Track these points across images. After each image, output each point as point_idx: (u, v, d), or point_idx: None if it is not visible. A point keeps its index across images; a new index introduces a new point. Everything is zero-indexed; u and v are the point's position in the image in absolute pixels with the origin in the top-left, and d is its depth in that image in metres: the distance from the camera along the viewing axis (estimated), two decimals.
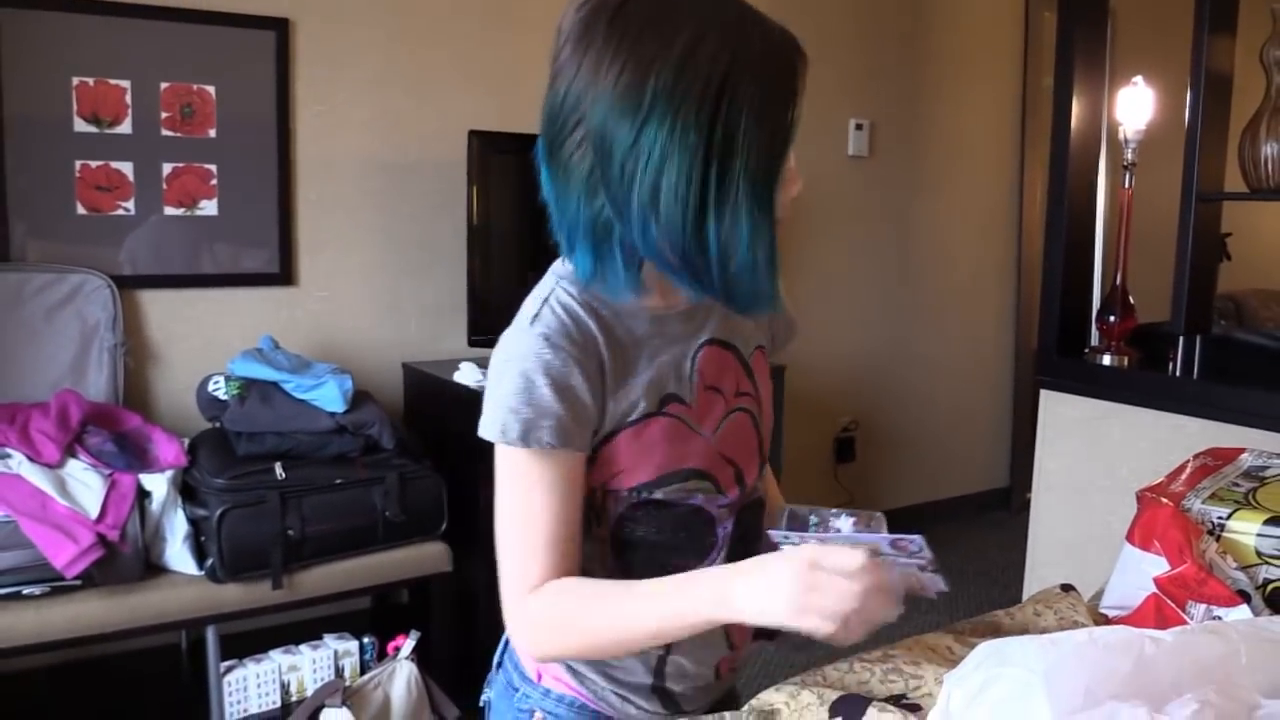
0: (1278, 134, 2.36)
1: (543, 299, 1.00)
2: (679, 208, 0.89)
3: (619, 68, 0.88)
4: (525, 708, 1.13)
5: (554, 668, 1.12)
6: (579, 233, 0.95)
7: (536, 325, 0.97)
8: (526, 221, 2.85)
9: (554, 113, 0.94)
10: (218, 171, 2.68)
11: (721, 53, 0.88)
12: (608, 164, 0.90)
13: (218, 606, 2.26)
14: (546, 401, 0.94)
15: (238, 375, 2.44)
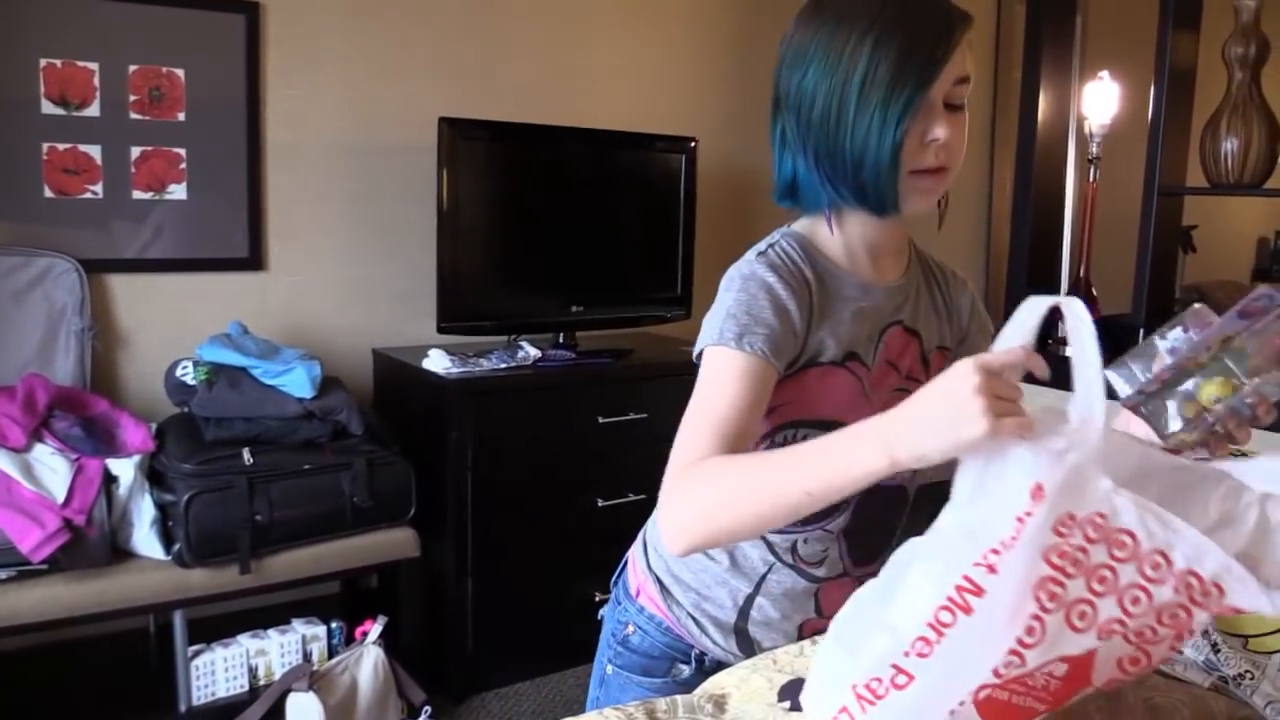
0: (1238, 129, 2.40)
1: (769, 243, 1.13)
2: (823, 119, 1.04)
3: (797, 38, 1.08)
4: (622, 620, 1.27)
5: (650, 587, 1.23)
6: (782, 161, 1.12)
7: (761, 256, 1.10)
8: (497, 208, 2.86)
9: (777, 83, 1.11)
10: (187, 155, 2.67)
11: (873, 12, 1.03)
12: (784, 110, 1.09)
13: (185, 591, 2.27)
14: (765, 314, 1.04)
15: (206, 360, 2.44)
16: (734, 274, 1.09)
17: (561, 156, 2.95)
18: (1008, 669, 0.79)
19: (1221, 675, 1.11)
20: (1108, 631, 0.79)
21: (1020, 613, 0.78)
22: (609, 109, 3.31)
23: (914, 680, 0.81)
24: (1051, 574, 0.77)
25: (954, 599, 0.78)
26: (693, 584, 1.21)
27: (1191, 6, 2.48)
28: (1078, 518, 0.77)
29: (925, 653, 0.80)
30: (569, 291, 2.95)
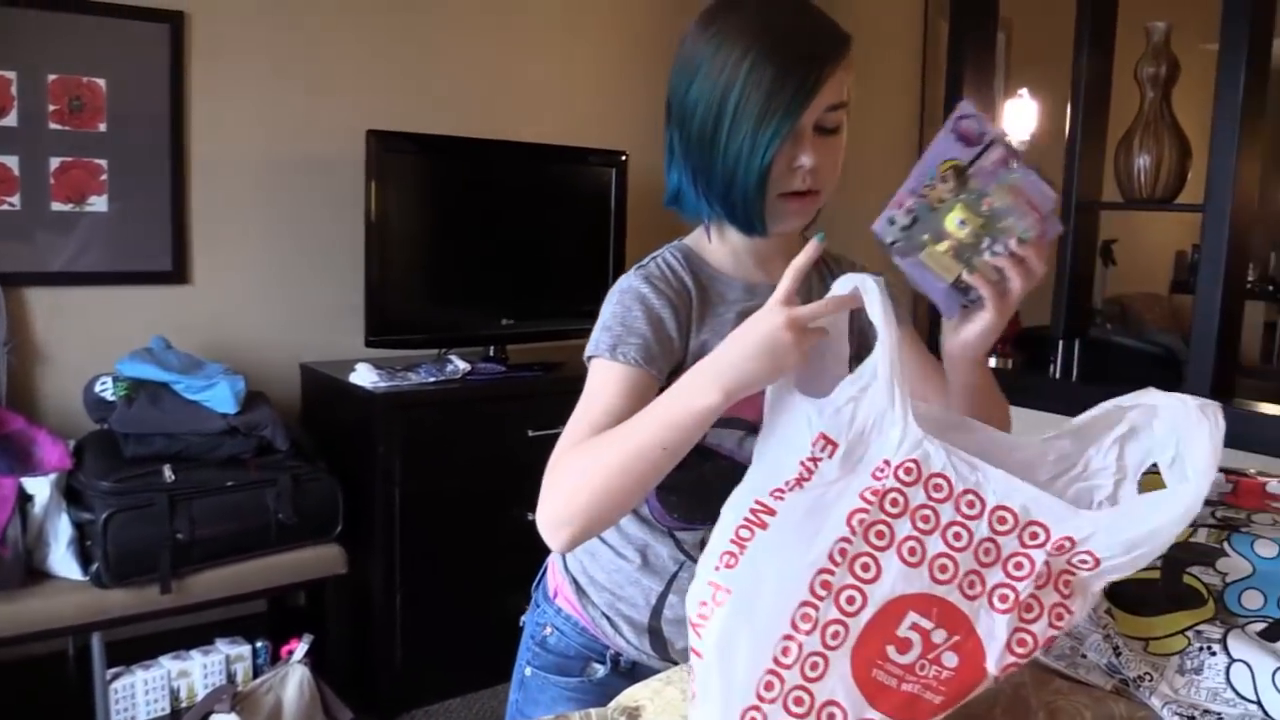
0: (1151, 147, 2.47)
1: (651, 257, 1.18)
2: (699, 136, 1.08)
3: (687, 46, 1.10)
4: (541, 622, 1.30)
5: (566, 589, 1.26)
6: (669, 170, 1.15)
7: (640, 270, 1.15)
8: (426, 221, 2.85)
9: (671, 91, 1.13)
10: (108, 167, 2.62)
11: (751, 35, 1.06)
12: (672, 120, 1.12)
13: (104, 612, 2.22)
14: (638, 325, 1.10)
15: (126, 376, 2.39)
16: (614, 288, 1.14)
17: (491, 170, 2.95)
18: (825, 590, 0.86)
19: (1123, 678, 1.14)
20: (943, 569, 0.88)
21: (821, 535, 0.87)
22: (539, 122, 3.31)
23: (731, 594, 0.88)
24: (863, 507, 0.88)
25: (749, 518, 0.89)
26: (606, 584, 1.23)
27: (1105, 28, 2.55)
28: (892, 463, 0.89)
29: (731, 564, 0.88)
30: (499, 305, 2.94)
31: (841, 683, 0.86)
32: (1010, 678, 1.13)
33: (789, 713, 0.86)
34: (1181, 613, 1.17)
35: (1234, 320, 2.31)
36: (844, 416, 0.93)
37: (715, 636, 0.88)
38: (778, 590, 0.87)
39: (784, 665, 0.86)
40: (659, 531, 1.21)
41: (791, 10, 1.10)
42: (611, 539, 1.23)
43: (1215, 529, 1.19)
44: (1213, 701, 1.09)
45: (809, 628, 0.86)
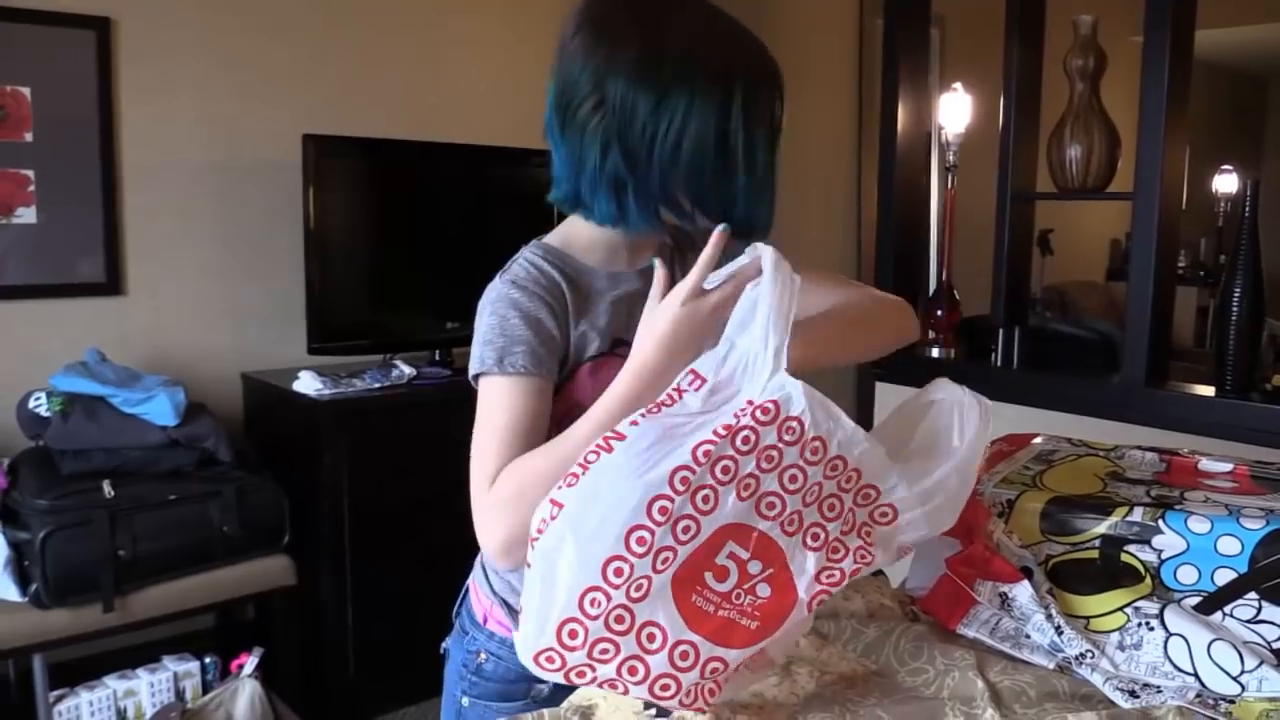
0: (1081, 137, 2.52)
1: (513, 261, 1.16)
2: (701, 159, 1.05)
3: (634, 48, 1.04)
4: (472, 649, 1.26)
5: (497, 612, 1.23)
6: (600, 186, 1.08)
7: (506, 275, 1.13)
8: (367, 226, 2.82)
9: (569, 86, 1.07)
10: (35, 177, 2.55)
11: (724, 42, 1.08)
12: (628, 128, 1.05)
13: (44, 634, 2.17)
14: (518, 331, 1.08)
15: (61, 390, 2.34)
16: (484, 300, 1.12)
17: (433, 172, 2.93)
18: (663, 516, 0.88)
19: (1065, 656, 1.17)
20: (770, 505, 0.92)
21: (665, 462, 0.89)
22: (480, 124, 3.29)
23: (563, 509, 0.89)
24: (713, 440, 0.90)
25: (599, 443, 0.91)
26: None
27: (1034, 22, 2.60)
28: (755, 402, 0.92)
29: (572, 483, 0.90)
30: (443, 308, 2.92)
31: (663, 606, 0.89)
32: (955, 660, 1.15)
33: (609, 629, 0.88)
34: (1120, 590, 1.19)
35: (1166, 305, 2.37)
36: (717, 356, 0.96)
37: (543, 549, 0.89)
38: (611, 510, 0.88)
39: (612, 585, 0.87)
40: None
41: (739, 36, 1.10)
42: None
43: (1150, 507, 1.22)
44: (1152, 675, 1.12)
45: (642, 551, 0.88)
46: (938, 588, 1.27)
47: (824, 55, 4.50)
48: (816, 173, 4.50)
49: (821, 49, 4.49)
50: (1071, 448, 1.50)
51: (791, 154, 1.24)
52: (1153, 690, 1.09)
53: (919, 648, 1.18)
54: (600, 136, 1.06)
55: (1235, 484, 1.33)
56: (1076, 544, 1.24)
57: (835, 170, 4.60)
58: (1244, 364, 2.16)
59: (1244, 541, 1.14)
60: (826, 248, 4.61)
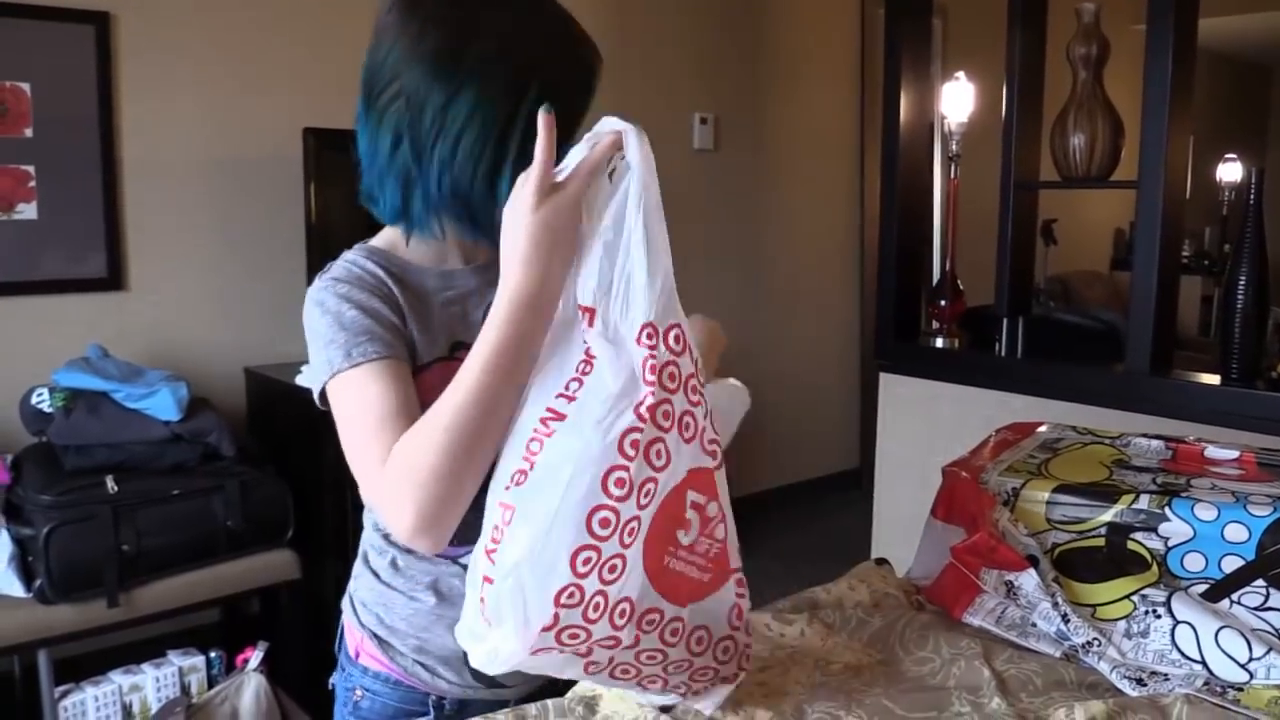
0: (1084, 126, 2.51)
1: (331, 264, 1.08)
2: (471, 164, 1.00)
3: (439, 37, 0.99)
4: (349, 686, 1.17)
5: (368, 645, 1.14)
6: (388, 177, 1.04)
7: (325, 276, 1.05)
8: (368, 219, 2.81)
9: (375, 68, 1.03)
10: (36, 173, 2.55)
11: (534, 42, 1.02)
12: (418, 120, 1.00)
13: (49, 629, 2.16)
14: (359, 322, 0.99)
15: (63, 386, 2.33)
16: (308, 306, 1.03)
17: None
18: (620, 488, 0.83)
19: (1072, 644, 1.16)
20: (710, 441, 0.89)
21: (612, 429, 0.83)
22: None
23: (514, 509, 0.85)
24: (649, 388, 0.84)
25: (538, 429, 0.87)
26: (409, 630, 1.13)
27: (1037, 10, 2.58)
28: (659, 329, 0.86)
29: (521, 481, 0.86)
30: None
31: (636, 578, 0.84)
32: (961, 649, 1.15)
33: (586, 620, 0.83)
34: (1126, 578, 1.19)
35: (1170, 294, 2.36)
36: (593, 276, 0.89)
37: (510, 560, 0.84)
38: (569, 501, 0.82)
39: (582, 575, 0.82)
40: (442, 562, 1.11)
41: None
42: (399, 584, 1.12)
43: (1157, 495, 1.21)
44: (1159, 663, 1.12)
45: (607, 533, 0.83)
46: (943, 577, 1.27)
47: (825, 45, 4.49)
48: (818, 164, 4.49)
49: (822, 39, 4.48)
50: (1077, 435, 1.49)
51: (792, 145, 1.23)
52: (1160, 678, 1.09)
53: (924, 637, 1.18)
54: (393, 126, 1.01)
55: (1242, 471, 1.33)
56: (1083, 532, 1.24)
57: (837, 161, 4.59)
58: (1249, 352, 2.15)
59: (1251, 528, 1.14)
60: (828, 238, 4.60)
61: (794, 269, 4.41)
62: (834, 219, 4.61)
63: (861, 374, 4.73)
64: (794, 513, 4.35)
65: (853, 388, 4.75)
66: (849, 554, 3.62)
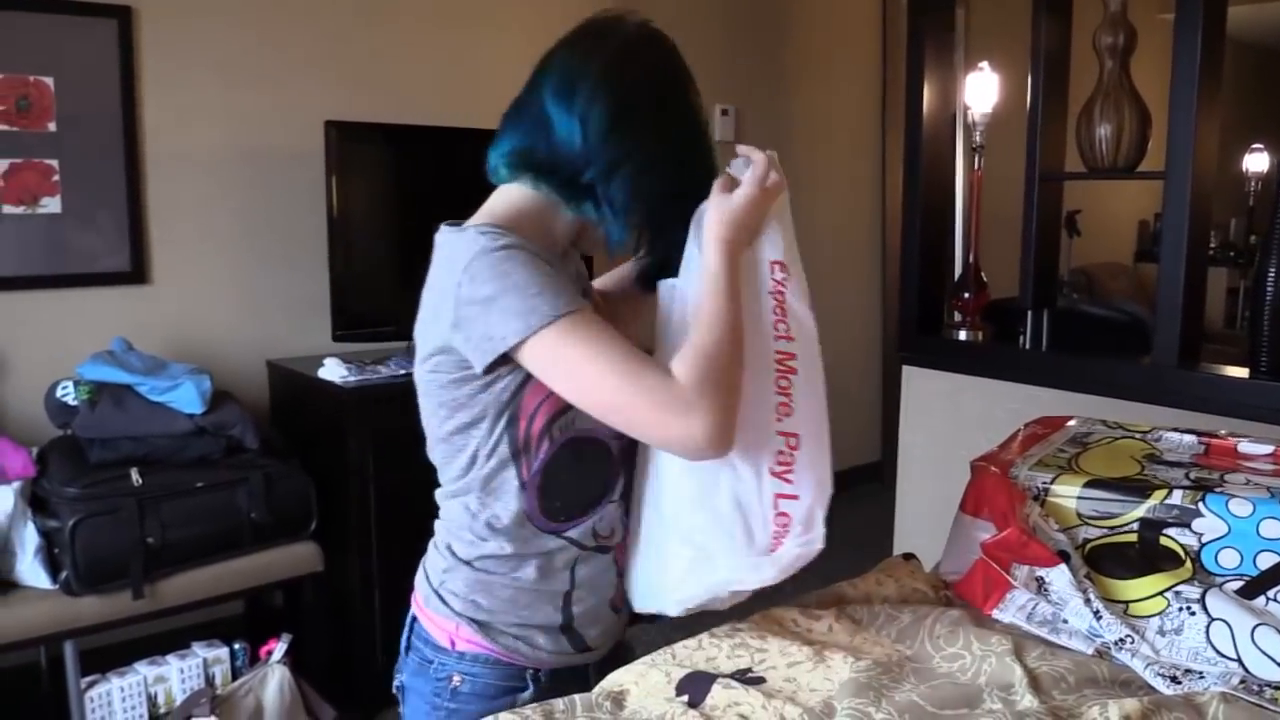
0: (1111, 116, 2.48)
1: (474, 231, 1.11)
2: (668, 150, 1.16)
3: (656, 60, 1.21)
4: (441, 676, 1.20)
5: (465, 631, 1.19)
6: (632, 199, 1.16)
7: (488, 241, 1.07)
8: (390, 212, 2.82)
9: (638, 89, 1.18)
10: (60, 167, 2.56)
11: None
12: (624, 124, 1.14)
13: (75, 620, 2.18)
14: (555, 278, 1.06)
15: (88, 379, 2.35)
16: (489, 263, 1.06)
17: (454, 157, 2.91)
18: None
19: (1104, 641, 1.15)
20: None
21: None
22: (502, 108, 3.26)
23: (799, 436, 1.11)
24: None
25: (780, 367, 1.13)
26: (509, 608, 1.19)
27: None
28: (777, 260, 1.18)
29: (788, 412, 1.12)
30: None
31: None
32: (991, 646, 1.14)
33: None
34: (1160, 574, 1.17)
35: (1198, 286, 2.33)
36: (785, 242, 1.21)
37: (809, 477, 1.11)
38: (823, 419, 1.14)
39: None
40: (547, 537, 1.18)
41: None
42: (499, 568, 1.18)
43: (1190, 490, 1.20)
44: (1194, 661, 1.10)
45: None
46: (972, 572, 1.25)
47: (847, 35, 4.46)
48: (839, 155, 4.46)
49: (844, 29, 4.45)
50: (1107, 430, 1.48)
51: (814, 137, 1.28)
52: (1195, 676, 1.07)
53: (954, 633, 1.16)
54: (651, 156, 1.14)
55: (1276, 466, 1.31)
56: (1114, 527, 1.22)
57: (858, 152, 4.56)
58: (1278, 344, 2.13)
59: None
60: (850, 231, 4.58)
61: (814, 261, 4.34)
62: (855, 210, 4.59)
63: (883, 367, 4.70)
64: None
65: (874, 381, 4.73)
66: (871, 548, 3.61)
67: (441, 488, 1.26)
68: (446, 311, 1.08)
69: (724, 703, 1.07)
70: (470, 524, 1.20)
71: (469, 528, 1.20)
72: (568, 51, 1.17)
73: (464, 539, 1.21)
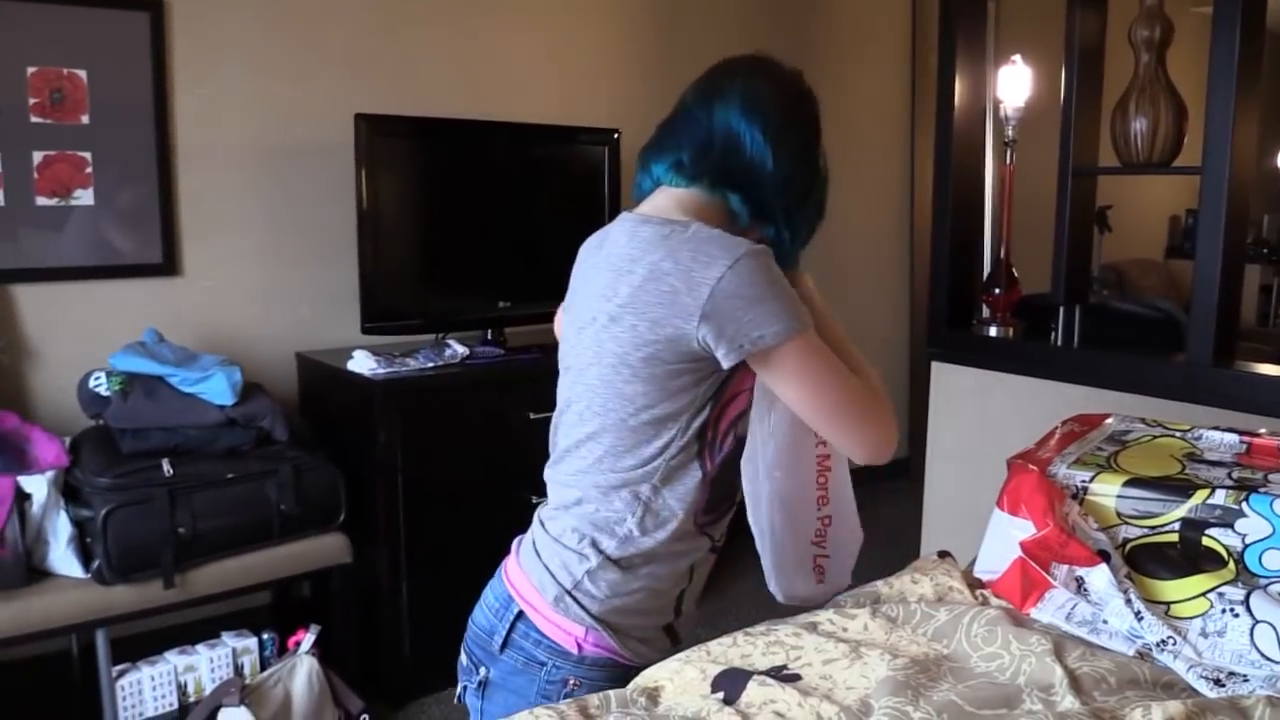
0: (1146, 110, 2.45)
1: (720, 231, 1.17)
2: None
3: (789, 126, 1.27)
4: (556, 679, 1.22)
5: (594, 636, 1.21)
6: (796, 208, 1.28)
7: (750, 248, 1.14)
8: (419, 205, 2.82)
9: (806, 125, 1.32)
10: (93, 159, 2.58)
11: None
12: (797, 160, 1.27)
13: (107, 609, 2.20)
14: (789, 287, 1.16)
15: (120, 370, 2.36)
16: (753, 264, 1.12)
17: (483, 151, 2.92)
18: None
19: (1145, 643, 1.14)
20: None
21: None
22: (530, 102, 3.28)
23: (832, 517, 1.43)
24: None
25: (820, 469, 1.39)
26: (640, 612, 1.23)
27: None
28: None
29: (825, 500, 1.41)
30: (495, 288, 2.92)
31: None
32: (1030, 646, 1.12)
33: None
34: (1202, 575, 1.16)
35: (1234, 283, 2.30)
36: None
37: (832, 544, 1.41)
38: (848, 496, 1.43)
39: None
40: (699, 535, 1.24)
41: None
42: (649, 564, 1.21)
43: (1233, 490, 1.18)
44: (1238, 664, 1.09)
45: None
46: (1010, 571, 1.24)
47: (875, 28, 4.43)
48: (868, 149, 4.43)
49: (872, 22, 4.42)
50: (1146, 428, 1.46)
51: (842, 131, 1.28)
52: (1239, 679, 1.06)
53: (992, 632, 1.15)
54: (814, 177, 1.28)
55: None
56: (1155, 527, 1.21)
57: (887, 146, 4.53)
58: None
59: None
60: (878, 226, 4.55)
61: (842, 256, 4.36)
62: (883, 206, 4.56)
63: (910, 363, 4.67)
64: None
65: (901, 377, 4.70)
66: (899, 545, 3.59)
67: (594, 475, 1.22)
68: (694, 303, 1.11)
69: (759, 700, 1.06)
70: (634, 514, 1.20)
71: (630, 518, 1.20)
72: (748, 81, 1.25)
73: (618, 533, 1.21)
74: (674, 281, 1.12)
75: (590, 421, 1.20)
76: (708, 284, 1.10)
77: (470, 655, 1.32)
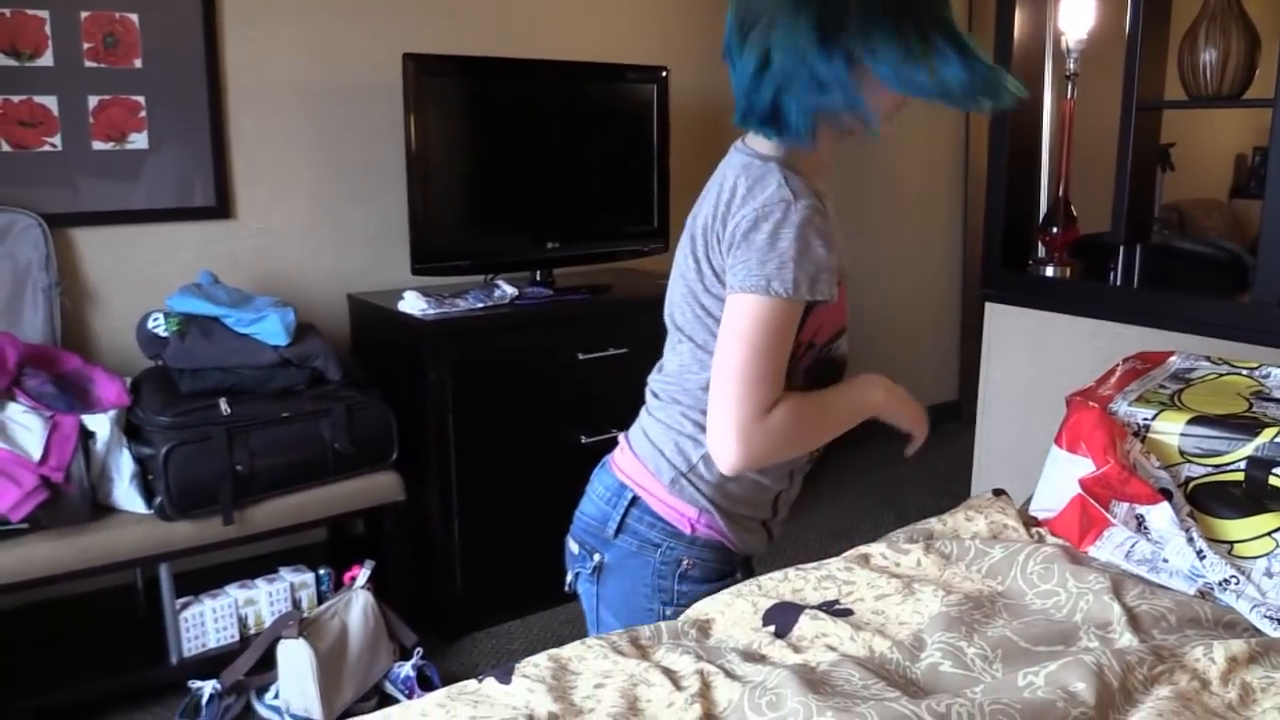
0: (1217, 40, 2.36)
1: (781, 181, 1.15)
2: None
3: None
4: (670, 560, 1.27)
5: (707, 519, 1.27)
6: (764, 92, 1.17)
7: (799, 197, 1.14)
8: (467, 145, 2.81)
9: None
10: (146, 103, 2.60)
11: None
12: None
13: (169, 544, 2.25)
14: (822, 261, 1.13)
15: (177, 311, 2.40)
16: (787, 221, 1.12)
17: (531, 90, 2.89)
18: None
19: (1207, 582, 1.12)
20: None
21: None
22: (578, 40, 3.23)
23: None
24: None
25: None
26: (747, 502, 1.28)
27: None
28: None
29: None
30: (544, 228, 2.91)
31: None
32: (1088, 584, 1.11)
33: None
34: (1268, 514, 1.13)
35: None
36: None
37: None
38: None
39: None
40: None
41: None
42: (769, 468, 1.26)
43: None
44: None
45: None
46: (1069, 509, 1.22)
47: None
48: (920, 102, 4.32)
49: None
50: (1211, 366, 1.42)
51: None
52: None
53: (1048, 570, 1.14)
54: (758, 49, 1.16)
55: None
56: (1220, 465, 1.18)
57: None
58: None
59: None
60: (932, 164, 4.46)
61: (894, 197, 4.29)
62: (937, 143, 4.46)
63: (963, 304, 4.60)
64: (891, 447, 4.30)
65: (953, 319, 4.64)
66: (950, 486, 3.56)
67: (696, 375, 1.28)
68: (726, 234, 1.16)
69: (811, 633, 1.06)
70: None
71: None
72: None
73: None
74: (734, 212, 1.17)
75: (699, 328, 1.26)
76: (748, 221, 1.15)
77: (582, 544, 1.36)
